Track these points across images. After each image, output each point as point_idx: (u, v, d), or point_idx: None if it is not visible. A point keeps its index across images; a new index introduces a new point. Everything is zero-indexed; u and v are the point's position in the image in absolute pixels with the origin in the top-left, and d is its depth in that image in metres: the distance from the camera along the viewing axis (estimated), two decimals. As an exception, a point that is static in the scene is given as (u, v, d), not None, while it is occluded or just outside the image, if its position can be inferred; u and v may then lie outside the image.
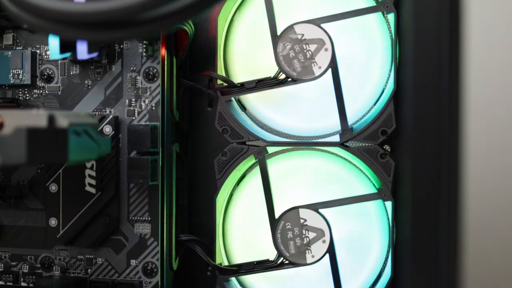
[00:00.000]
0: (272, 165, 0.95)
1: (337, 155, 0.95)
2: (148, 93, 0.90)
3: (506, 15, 0.71)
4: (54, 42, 0.83)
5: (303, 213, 0.92)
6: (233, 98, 0.97)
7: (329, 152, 0.95)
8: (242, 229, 0.98)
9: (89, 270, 0.93)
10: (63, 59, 0.92)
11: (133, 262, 0.91)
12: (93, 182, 0.90)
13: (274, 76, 0.93)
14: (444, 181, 0.76)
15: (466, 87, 0.71)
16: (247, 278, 0.98)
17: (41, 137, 0.67)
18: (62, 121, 0.70)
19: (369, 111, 0.94)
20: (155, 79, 0.90)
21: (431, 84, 0.77)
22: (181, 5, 0.59)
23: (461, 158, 0.72)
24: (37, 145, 0.66)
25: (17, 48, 0.94)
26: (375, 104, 0.94)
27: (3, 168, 0.93)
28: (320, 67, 0.91)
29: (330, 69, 0.91)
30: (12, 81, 0.93)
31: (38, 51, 0.94)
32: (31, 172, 0.94)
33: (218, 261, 0.96)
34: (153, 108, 0.90)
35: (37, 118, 0.68)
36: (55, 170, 0.91)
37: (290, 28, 0.92)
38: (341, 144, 0.92)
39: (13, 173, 0.94)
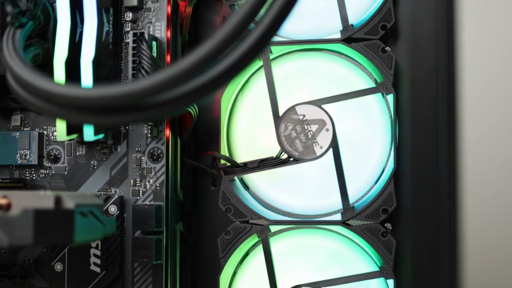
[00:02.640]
0: (275, 244, 0.96)
1: (339, 233, 0.96)
2: (152, 173, 0.92)
3: (499, 91, 0.73)
4: (61, 125, 0.85)
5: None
6: (236, 178, 0.98)
7: (331, 230, 0.96)
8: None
9: None
10: (70, 140, 0.93)
11: None
12: (98, 261, 0.91)
13: (276, 156, 0.94)
14: (445, 259, 0.77)
15: (463, 166, 0.72)
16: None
17: (48, 218, 0.68)
18: (69, 202, 0.71)
19: (370, 189, 0.95)
20: (159, 159, 0.91)
21: (430, 164, 0.78)
22: (186, 91, 0.60)
23: (460, 239, 0.72)
24: (44, 226, 0.68)
25: (25, 129, 0.96)
26: (376, 183, 0.95)
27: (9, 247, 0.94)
28: (321, 147, 0.93)
29: (331, 149, 0.93)
30: (19, 162, 0.95)
31: (45, 132, 0.96)
32: (37, 251, 0.94)
33: None
34: (158, 188, 0.91)
35: (44, 199, 0.69)
36: (61, 249, 0.92)
37: (292, 109, 0.94)
38: (343, 223, 0.93)
39: (19, 252, 0.95)
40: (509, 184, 0.73)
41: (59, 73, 0.83)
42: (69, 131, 0.85)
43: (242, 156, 0.99)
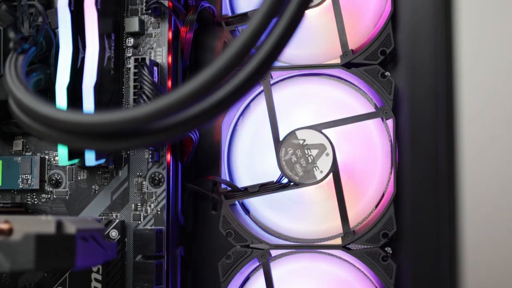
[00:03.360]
0: (276, 268, 0.96)
1: (339, 257, 0.96)
2: (153, 198, 0.92)
3: (497, 114, 0.73)
4: (62, 150, 0.85)
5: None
6: (236, 202, 0.98)
7: (331, 254, 0.96)
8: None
9: None
10: (71, 164, 0.94)
11: None
12: (99, 285, 0.91)
13: (276, 181, 0.95)
14: (445, 283, 0.77)
15: (462, 191, 0.73)
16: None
17: (49, 243, 0.69)
18: (70, 227, 0.71)
19: (370, 214, 0.95)
20: (160, 184, 0.92)
21: (429, 188, 0.78)
22: (187, 116, 0.61)
23: (460, 262, 0.73)
24: (45, 251, 0.68)
25: (27, 154, 0.96)
26: (376, 207, 0.95)
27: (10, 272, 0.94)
28: (321, 172, 0.93)
29: (331, 173, 0.93)
30: (21, 186, 0.95)
31: (47, 157, 0.96)
32: (38, 275, 0.94)
33: None
34: (159, 212, 0.92)
35: (45, 224, 0.70)
36: (62, 273, 0.92)
37: (292, 133, 0.94)
38: (343, 247, 0.93)
39: (20, 277, 0.95)
40: (508, 204, 0.74)
41: (61, 98, 0.84)
42: (71, 156, 0.86)
43: (242, 180, 0.99)
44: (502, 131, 0.74)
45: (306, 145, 0.94)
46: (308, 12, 0.94)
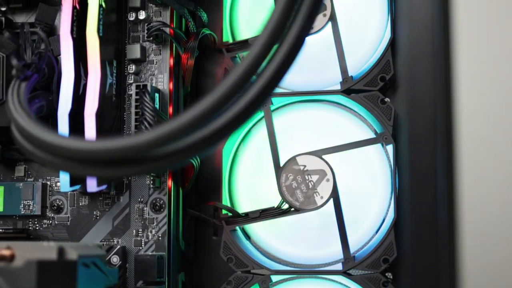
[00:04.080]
0: (277, 293, 0.96)
1: (340, 283, 0.96)
2: (155, 224, 0.92)
3: (497, 143, 0.74)
4: (64, 176, 0.85)
5: None
6: (237, 228, 0.99)
7: (332, 280, 0.96)
8: None
9: None
10: (73, 190, 0.94)
11: None
12: (100, 311, 0.91)
13: (277, 206, 0.95)
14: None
15: (461, 216, 0.73)
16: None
17: (51, 269, 0.69)
18: (72, 253, 0.72)
19: (370, 239, 0.96)
20: (161, 210, 0.92)
21: (429, 214, 0.79)
22: (189, 143, 0.61)
23: (460, 286, 0.73)
24: (47, 277, 0.68)
25: (28, 179, 0.97)
26: (376, 232, 0.95)
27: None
28: (322, 197, 0.93)
29: (332, 199, 0.93)
30: (22, 212, 0.96)
31: (48, 183, 0.96)
32: (39, 301, 0.94)
33: None
34: (160, 238, 0.92)
35: (47, 250, 0.70)
36: (62, 299, 0.92)
37: (293, 159, 0.95)
38: (344, 272, 0.93)
39: (20, 302, 0.95)
40: (509, 230, 0.74)
41: (63, 125, 0.84)
42: (72, 183, 0.86)
43: (243, 206, 0.99)
44: (502, 157, 0.74)
45: (306, 171, 0.94)
46: (308, 39, 0.95)
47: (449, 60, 0.78)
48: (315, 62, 0.99)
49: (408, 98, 0.84)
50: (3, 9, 0.94)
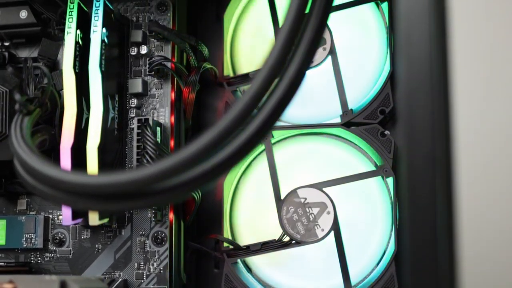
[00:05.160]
0: (278, 326, 0.96)
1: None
2: (156, 257, 0.92)
3: (496, 176, 0.74)
4: (66, 210, 0.86)
5: None
6: (239, 260, 0.99)
7: (333, 312, 0.96)
8: None
9: None
10: (75, 224, 0.94)
11: None
12: None
13: (278, 239, 0.95)
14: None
15: (462, 249, 0.73)
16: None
17: (53, 303, 0.69)
18: (74, 287, 0.72)
19: (371, 271, 0.96)
20: (163, 243, 0.92)
21: (428, 247, 0.79)
22: (190, 177, 0.61)
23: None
24: (49, 311, 0.68)
25: (31, 213, 0.97)
26: (377, 265, 0.96)
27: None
28: (323, 230, 0.93)
29: (332, 232, 0.93)
30: (24, 245, 0.96)
31: (50, 216, 0.97)
32: (40, 335, 0.94)
33: None
34: (161, 271, 0.92)
35: (49, 284, 0.70)
36: (64, 333, 0.92)
37: (293, 192, 0.95)
38: (345, 305, 0.94)
39: (22, 337, 0.95)
40: (510, 261, 0.74)
41: (65, 159, 0.85)
42: (74, 216, 0.86)
43: (244, 239, 1.00)
44: (501, 190, 0.74)
45: (307, 204, 0.94)
46: (308, 72, 0.96)
47: (448, 93, 0.79)
48: (315, 95, 1.00)
49: (407, 132, 0.84)
50: (6, 44, 0.95)
